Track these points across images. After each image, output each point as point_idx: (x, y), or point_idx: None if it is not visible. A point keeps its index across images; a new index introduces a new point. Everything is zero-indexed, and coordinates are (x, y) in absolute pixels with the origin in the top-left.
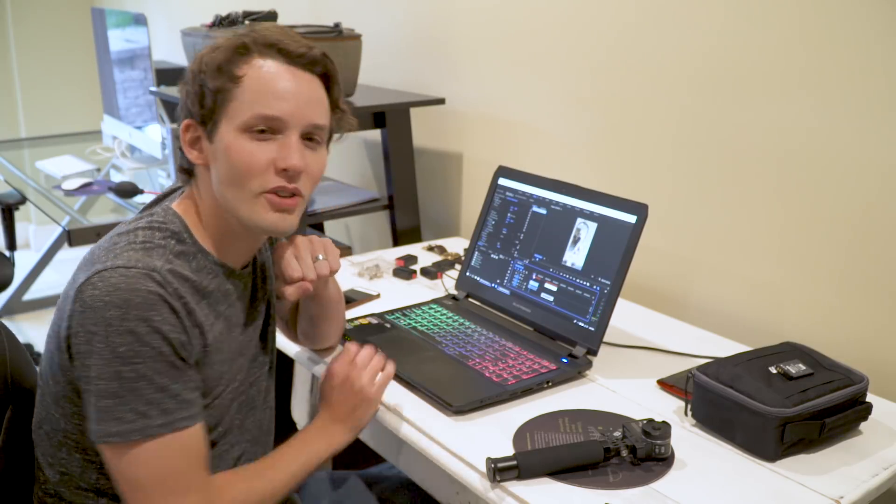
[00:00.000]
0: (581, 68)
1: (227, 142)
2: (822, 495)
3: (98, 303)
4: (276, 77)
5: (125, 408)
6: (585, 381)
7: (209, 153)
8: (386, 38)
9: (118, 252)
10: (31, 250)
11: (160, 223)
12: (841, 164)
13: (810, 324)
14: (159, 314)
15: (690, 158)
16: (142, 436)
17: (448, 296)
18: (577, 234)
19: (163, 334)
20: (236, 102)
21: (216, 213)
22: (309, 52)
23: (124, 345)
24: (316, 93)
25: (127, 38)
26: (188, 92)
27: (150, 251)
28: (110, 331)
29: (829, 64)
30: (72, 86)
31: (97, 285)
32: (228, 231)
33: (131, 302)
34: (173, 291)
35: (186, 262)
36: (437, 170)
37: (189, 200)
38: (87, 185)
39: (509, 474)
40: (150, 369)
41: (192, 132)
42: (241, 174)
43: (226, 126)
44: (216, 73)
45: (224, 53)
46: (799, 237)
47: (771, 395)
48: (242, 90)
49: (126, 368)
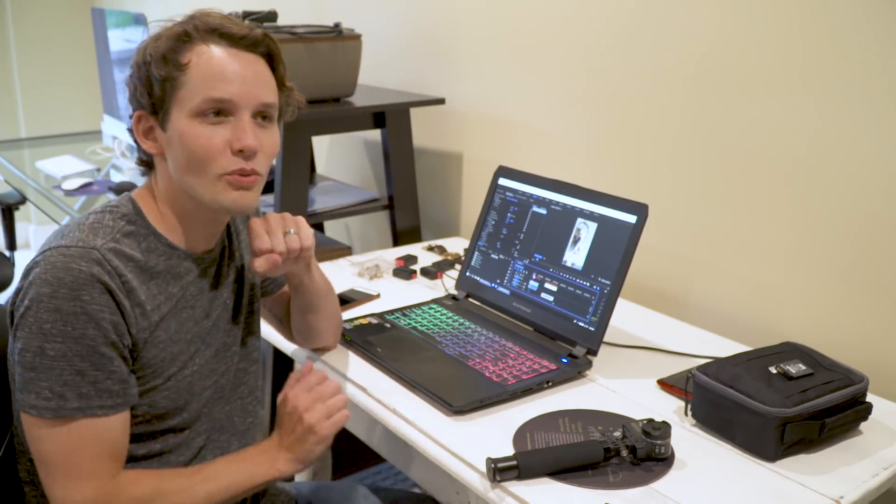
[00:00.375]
0: (581, 68)
1: (180, 129)
2: (822, 495)
3: (37, 279)
4: (221, 61)
5: (43, 384)
6: (585, 381)
7: (163, 142)
8: (386, 38)
9: (65, 233)
10: (31, 250)
11: (113, 207)
12: (841, 164)
13: (810, 324)
14: (88, 294)
15: (690, 158)
16: (54, 415)
17: (448, 296)
18: (577, 234)
19: (90, 315)
20: (184, 90)
21: (172, 198)
22: (251, 34)
23: (49, 322)
24: (262, 72)
25: (127, 38)
26: (135, 83)
27: (97, 231)
28: (41, 307)
29: (830, 63)
30: (72, 86)
31: (39, 264)
32: (185, 216)
33: (63, 280)
34: (111, 270)
35: (136, 242)
36: (437, 170)
37: (146, 189)
38: (87, 185)
39: (509, 474)
40: (71, 351)
41: (144, 122)
42: (199, 159)
43: (177, 113)
44: (161, 62)
45: (167, 42)
46: (799, 237)
47: (771, 395)
48: (189, 77)
49: (49, 346)
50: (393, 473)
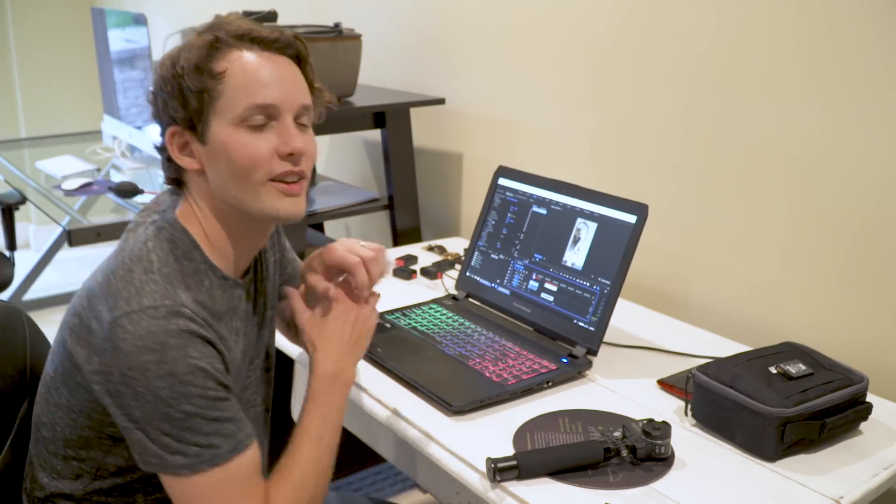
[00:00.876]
0: (581, 68)
1: (223, 139)
2: (822, 495)
3: (132, 347)
4: (258, 66)
5: (185, 444)
6: (585, 381)
7: (203, 156)
8: (386, 38)
9: (139, 286)
10: (31, 250)
11: (169, 239)
12: (841, 164)
13: (810, 324)
14: (195, 349)
15: (691, 158)
16: (211, 465)
17: (448, 296)
18: (577, 234)
19: (203, 371)
20: (223, 99)
21: (217, 216)
22: (282, 37)
23: (166, 387)
24: (296, 75)
25: (127, 38)
26: (164, 98)
27: (171, 279)
28: (149, 375)
29: (830, 65)
30: (72, 86)
31: (128, 329)
32: (232, 233)
33: (167, 344)
34: (203, 322)
35: (200, 282)
36: (437, 170)
37: (187, 209)
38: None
39: (509, 474)
40: (198, 406)
41: (179, 138)
42: (246, 168)
43: (218, 124)
44: (195, 73)
45: (198, 52)
46: (799, 237)
47: (771, 395)
48: (227, 86)
49: (173, 410)
50: (393, 473)
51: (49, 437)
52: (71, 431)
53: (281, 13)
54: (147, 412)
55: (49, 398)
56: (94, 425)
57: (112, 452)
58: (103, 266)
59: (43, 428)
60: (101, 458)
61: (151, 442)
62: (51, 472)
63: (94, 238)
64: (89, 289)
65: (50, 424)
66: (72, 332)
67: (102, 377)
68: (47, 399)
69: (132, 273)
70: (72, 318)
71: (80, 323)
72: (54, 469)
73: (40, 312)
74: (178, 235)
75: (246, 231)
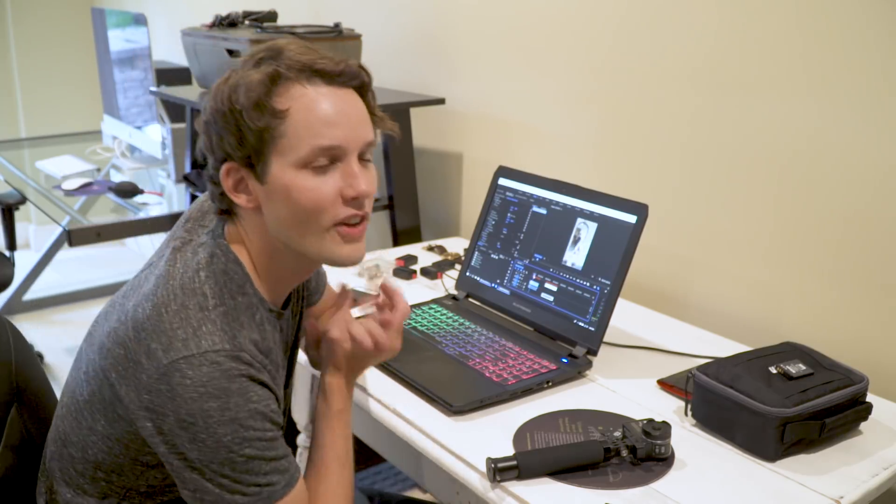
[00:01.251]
0: (581, 68)
1: (285, 181)
2: (822, 495)
3: (193, 393)
4: (323, 104)
5: (244, 485)
6: (585, 381)
7: (260, 194)
8: (386, 38)
9: (196, 326)
10: (31, 250)
11: (223, 271)
12: (841, 164)
13: (810, 324)
14: (255, 394)
15: (691, 158)
16: (269, 502)
17: (448, 296)
18: (578, 234)
19: (262, 414)
20: (286, 139)
21: (270, 253)
22: (347, 69)
23: (228, 434)
24: (361, 109)
25: (127, 38)
26: (220, 133)
27: (227, 319)
28: (211, 422)
29: (829, 65)
30: (72, 86)
31: (187, 374)
32: (282, 270)
33: (229, 390)
34: (259, 365)
35: (251, 317)
36: (437, 170)
37: (238, 240)
38: (87, 185)
39: (509, 474)
40: (257, 448)
41: (235, 175)
42: (309, 212)
43: (279, 164)
44: (256, 110)
45: (259, 87)
46: (799, 237)
47: (771, 395)
48: (290, 124)
49: (235, 455)
50: (393, 473)
51: (78, 457)
52: (104, 457)
53: (281, 13)
54: (206, 456)
55: (81, 420)
56: (131, 453)
57: (144, 475)
58: (149, 292)
59: (71, 447)
60: (133, 480)
61: (208, 482)
62: (75, 489)
63: (93, 238)
64: (136, 319)
65: (80, 445)
66: (116, 363)
67: (154, 416)
68: (79, 420)
69: (187, 310)
70: (115, 348)
71: (125, 355)
72: (80, 487)
73: (40, 312)
74: (231, 267)
75: (297, 268)
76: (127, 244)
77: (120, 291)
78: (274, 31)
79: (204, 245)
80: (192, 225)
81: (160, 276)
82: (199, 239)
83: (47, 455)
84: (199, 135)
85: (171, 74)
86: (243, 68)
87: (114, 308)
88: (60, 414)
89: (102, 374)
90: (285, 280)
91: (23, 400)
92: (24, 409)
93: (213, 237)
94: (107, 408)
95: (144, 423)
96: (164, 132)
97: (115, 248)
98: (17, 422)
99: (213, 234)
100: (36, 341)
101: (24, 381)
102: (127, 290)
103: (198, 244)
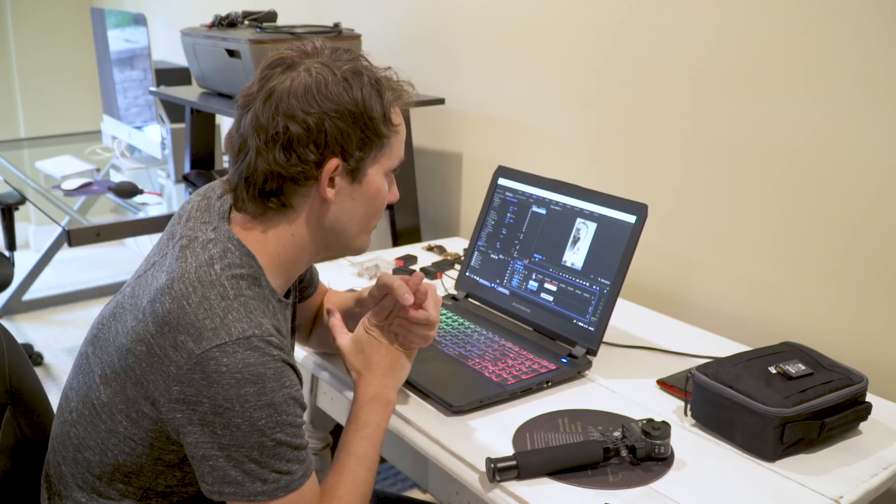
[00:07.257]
0: (581, 68)
1: (377, 185)
2: (821, 495)
3: (230, 380)
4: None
5: (267, 470)
6: (585, 381)
7: (344, 190)
8: (385, 38)
9: (222, 315)
10: (30, 250)
11: (238, 264)
12: (841, 164)
13: (810, 324)
14: (288, 378)
15: (690, 158)
16: (287, 491)
17: (448, 296)
18: (577, 234)
19: (295, 399)
20: (388, 149)
21: (302, 244)
22: (410, 92)
23: (264, 418)
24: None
25: (127, 38)
26: (344, 130)
27: (248, 306)
28: (247, 406)
29: (830, 64)
30: (72, 86)
31: (222, 361)
32: (299, 261)
33: (266, 376)
34: (287, 349)
35: (267, 306)
36: (437, 170)
37: (255, 235)
38: (86, 185)
39: (509, 474)
40: (288, 434)
41: (335, 169)
42: (379, 211)
43: (375, 169)
44: (384, 122)
45: (385, 101)
46: (799, 237)
47: (770, 394)
48: (394, 138)
49: (267, 439)
50: (393, 473)
51: (95, 461)
52: (125, 458)
53: (281, 13)
54: (238, 440)
55: (99, 423)
56: (154, 453)
57: (163, 475)
58: (164, 288)
59: (88, 451)
60: (152, 479)
61: (234, 468)
62: (90, 492)
63: (93, 238)
64: (156, 314)
65: (99, 449)
66: (139, 361)
67: (186, 406)
68: (96, 424)
69: (209, 301)
70: (136, 346)
71: (147, 351)
72: (95, 490)
73: (40, 312)
74: (245, 260)
75: (309, 261)
76: (126, 244)
77: (123, 292)
78: (273, 31)
79: (213, 241)
80: (195, 223)
81: (173, 272)
82: (206, 235)
83: (53, 462)
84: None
85: (171, 74)
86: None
87: (123, 308)
88: (71, 420)
89: (124, 373)
90: (293, 272)
91: (17, 402)
92: (19, 411)
93: (221, 233)
94: (129, 407)
95: (178, 415)
96: (164, 132)
97: (114, 249)
98: (11, 424)
99: (220, 230)
100: (35, 341)
101: (18, 383)
102: (135, 289)
103: (206, 240)
